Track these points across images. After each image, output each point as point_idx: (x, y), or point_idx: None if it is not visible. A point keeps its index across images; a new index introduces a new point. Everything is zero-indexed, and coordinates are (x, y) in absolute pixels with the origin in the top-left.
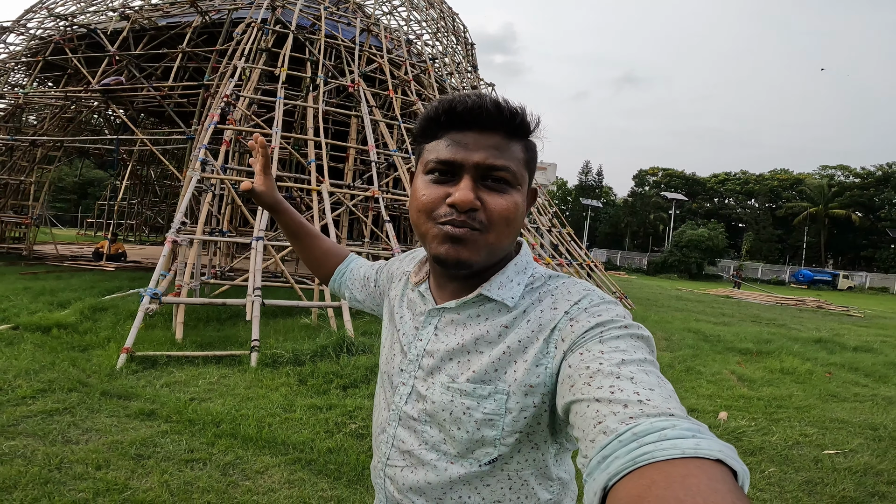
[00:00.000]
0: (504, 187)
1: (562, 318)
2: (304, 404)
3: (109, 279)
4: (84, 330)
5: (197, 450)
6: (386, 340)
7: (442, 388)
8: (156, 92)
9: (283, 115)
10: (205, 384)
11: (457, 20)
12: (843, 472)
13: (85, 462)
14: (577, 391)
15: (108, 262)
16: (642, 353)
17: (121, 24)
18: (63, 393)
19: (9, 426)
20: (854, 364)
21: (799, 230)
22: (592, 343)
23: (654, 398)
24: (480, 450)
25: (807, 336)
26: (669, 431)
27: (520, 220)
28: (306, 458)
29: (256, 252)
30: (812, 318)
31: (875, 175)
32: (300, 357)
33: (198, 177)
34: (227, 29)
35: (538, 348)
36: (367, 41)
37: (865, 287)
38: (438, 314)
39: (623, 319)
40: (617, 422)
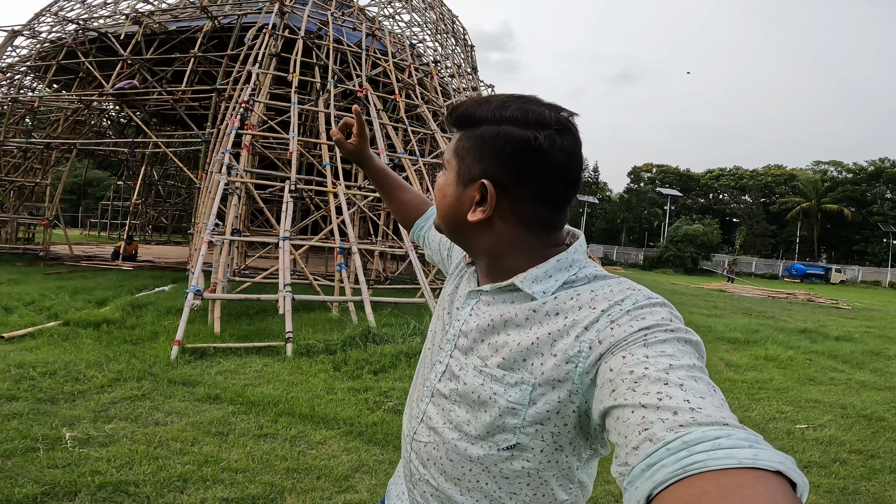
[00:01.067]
0: (442, 169)
1: (600, 318)
2: (342, 387)
3: (133, 278)
4: (131, 325)
5: (265, 426)
6: (435, 316)
7: (475, 370)
8: (169, 96)
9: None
10: (252, 372)
11: (457, 22)
12: (811, 443)
13: (179, 440)
14: (620, 396)
15: (124, 261)
16: (691, 358)
17: (132, 28)
18: (134, 381)
19: (101, 411)
20: (834, 352)
21: (792, 225)
22: (636, 347)
23: (705, 406)
24: (500, 435)
25: (793, 327)
26: (724, 441)
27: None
28: (356, 431)
29: (284, 251)
30: (801, 311)
31: (867, 170)
32: (331, 347)
33: (225, 180)
34: (237, 34)
35: (568, 344)
36: (371, 45)
37: (858, 281)
38: (477, 296)
39: (670, 323)
40: (665, 429)
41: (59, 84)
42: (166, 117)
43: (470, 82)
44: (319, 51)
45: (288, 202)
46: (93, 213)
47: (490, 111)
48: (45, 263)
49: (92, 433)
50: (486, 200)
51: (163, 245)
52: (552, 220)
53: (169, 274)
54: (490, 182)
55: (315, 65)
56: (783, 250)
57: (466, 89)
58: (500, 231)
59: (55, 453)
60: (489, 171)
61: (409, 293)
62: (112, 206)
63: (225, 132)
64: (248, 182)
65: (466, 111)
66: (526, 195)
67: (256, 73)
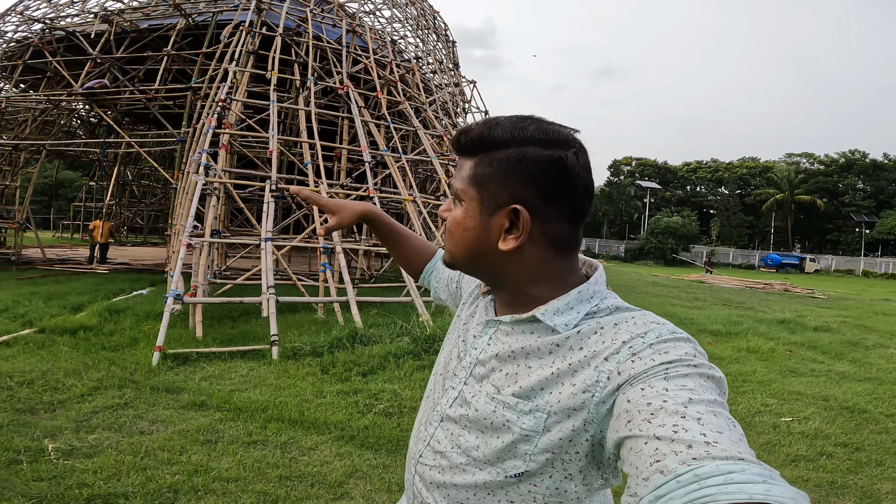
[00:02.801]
0: (456, 202)
1: (621, 349)
2: (331, 390)
3: (109, 282)
4: (109, 331)
5: (254, 433)
6: (448, 342)
7: (487, 397)
8: (142, 95)
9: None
10: (238, 377)
11: (438, 18)
12: (797, 436)
13: (166, 449)
14: (635, 427)
15: (99, 264)
16: (712, 393)
17: (102, 26)
18: (116, 390)
19: (83, 421)
20: (813, 343)
21: (767, 216)
22: (656, 379)
23: (722, 441)
24: (510, 461)
25: (772, 318)
26: (737, 475)
27: (462, 232)
28: (347, 435)
29: (266, 252)
30: (778, 301)
31: (838, 162)
32: (318, 349)
33: (203, 181)
34: (212, 31)
35: (588, 374)
36: (352, 42)
37: (831, 270)
38: (495, 325)
39: (693, 358)
40: (678, 462)
41: (27, 84)
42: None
43: (452, 78)
44: (298, 48)
45: (269, 202)
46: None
47: (507, 132)
48: (18, 268)
49: (75, 444)
50: (518, 227)
51: (139, 246)
52: (574, 239)
53: (146, 276)
54: (522, 206)
55: (294, 62)
56: (759, 241)
57: (448, 85)
58: (529, 256)
59: (39, 465)
60: (517, 195)
61: (395, 291)
62: (84, 207)
63: (201, 131)
64: (227, 182)
65: (480, 134)
66: (555, 216)
67: (234, 70)
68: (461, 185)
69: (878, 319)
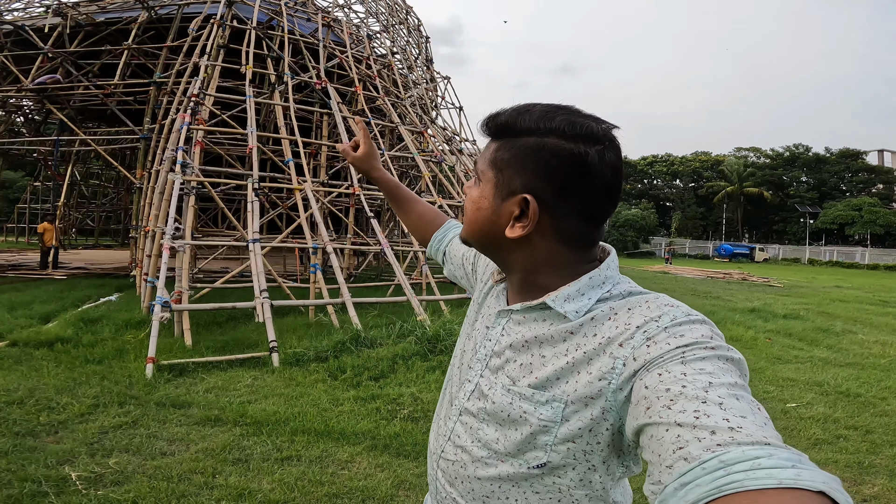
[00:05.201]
0: (477, 182)
1: (636, 334)
2: (347, 397)
3: (71, 288)
4: (89, 342)
5: (283, 448)
6: (464, 333)
7: (503, 389)
8: (98, 90)
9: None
10: (243, 387)
11: (411, 14)
12: (808, 421)
13: (198, 472)
14: (655, 414)
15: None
16: (732, 376)
17: (55, 20)
18: (117, 407)
19: (94, 443)
20: (787, 330)
21: (719, 208)
22: (674, 364)
23: (746, 425)
24: (531, 453)
25: (742, 307)
26: (765, 461)
27: (481, 211)
28: (381, 444)
29: (256, 254)
30: (740, 290)
31: (783, 156)
32: (322, 354)
33: (181, 179)
34: (177, 24)
35: (604, 361)
36: (327, 36)
37: (779, 258)
38: (507, 315)
39: (710, 341)
40: (702, 448)
41: None
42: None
43: (426, 73)
44: (272, 42)
45: (253, 201)
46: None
47: (533, 121)
48: None
49: (97, 470)
50: (527, 216)
51: (91, 249)
52: (591, 237)
53: (110, 281)
54: (532, 197)
55: (267, 56)
56: (712, 232)
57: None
58: (536, 247)
59: (69, 498)
60: (530, 184)
61: (381, 290)
62: (30, 209)
63: (172, 127)
64: (207, 181)
65: (507, 120)
66: (568, 211)
67: (205, 65)
68: (482, 166)
69: (837, 306)
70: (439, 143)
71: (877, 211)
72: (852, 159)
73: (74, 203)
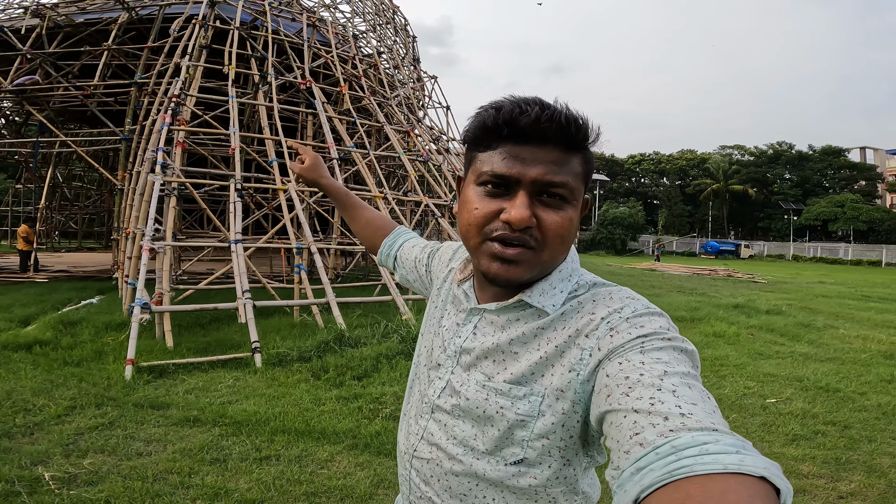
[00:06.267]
0: (560, 203)
1: (600, 325)
2: (329, 397)
3: (52, 291)
4: (67, 345)
5: (263, 448)
6: (427, 331)
7: (477, 385)
8: (78, 91)
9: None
10: (224, 387)
11: (398, 13)
12: (786, 416)
13: (174, 472)
14: (614, 401)
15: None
16: (685, 366)
17: (33, 21)
18: (94, 408)
19: (69, 444)
20: (769, 326)
21: (705, 205)
22: (633, 353)
23: (696, 412)
24: (508, 449)
25: (727, 303)
26: (712, 446)
27: (573, 235)
28: (361, 443)
29: (238, 255)
30: (725, 286)
31: (767, 153)
32: (305, 354)
33: (160, 181)
34: (158, 25)
35: (573, 353)
36: (312, 36)
37: (764, 255)
38: (479, 314)
39: (667, 332)
40: (655, 434)
41: None
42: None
43: (413, 73)
44: (256, 42)
45: (236, 202)
46: None
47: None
48: None
49: (71, 470)
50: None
51: (74, 252)
52: None
53: (92, 284)
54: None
55: (251, 57)
56: (699, 229)
57: (409, 80)
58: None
59: (41, 497)
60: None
61: (367, 290)
62: (11, 212)
63: (153, 128)
64: (188, 182)
65: (588, 128)
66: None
67: (187, 65)
68: (574, 183)
69: (820, 301)
70: (426, 143)
71: (859, 207)
72: (835, 156)
73: (57, 205)
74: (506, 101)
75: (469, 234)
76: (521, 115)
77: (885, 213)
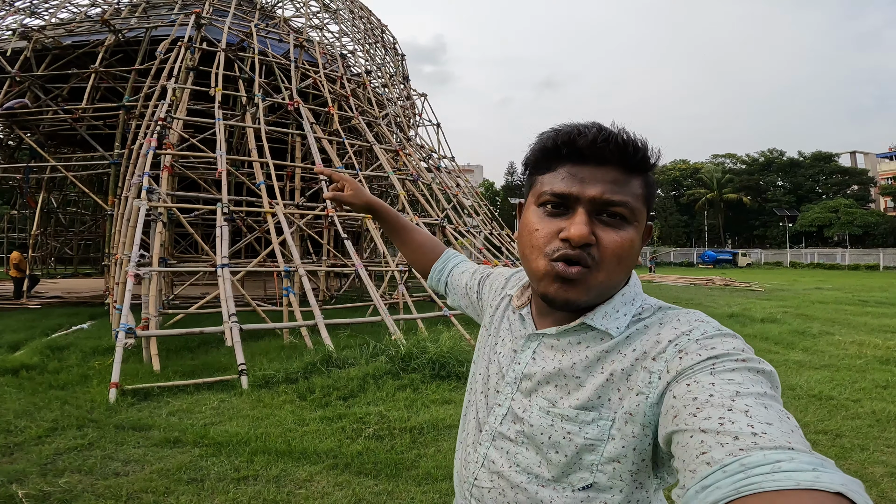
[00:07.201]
0: (620, 223)
1: (668, 348)
2: (314, 417)
3: (44, 317)
4: (54, 369)
5: (241, 468)
6: (481, 358)
7: (541, 411)
8: (67, 115)
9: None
10: (209, 409)
11: (386, 32)
12: None
13: (149, 490)
14: (681, 421)
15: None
16: (761, 387)
17: (20, 43)
18: (75, 430)
19: (47, 464)
20: (764, 334)
21: (700, 214)
22: (702, 374)
23: (771, 431)
24: (576, 474)
25: (722, 312)
26: (785, 464)
27: (633, 258)
28: (342, 463)
29: (224, 279)
30: (722, 295)
31: (759, 161)
32: (292, 375)
33: (145, 206)
34: (145, 47)
35: (640, 376)
36: (300, 57)
37: (762, 262)
38: (538, 339)
39: (741, 353)
40: (724, 453)
41: None
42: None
43: (402, 91)
44: (243, 63)
45: (222, 226)
46: None
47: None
48: None
49: (46, 489)
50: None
51: (70, 278)
52: None
53: (84, 310)
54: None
55: (239, 78)
56: (695, 239)
57: (399, 98)
58: None
59: None
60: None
61: (359, 311)
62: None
63: (139, 153)
64: (174, 207)
65: (646, 154)
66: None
67: (173, 87)
68: (636, 204)
69: (816, 308)
70: (416, 161)
71: (853, 212)
72: (825, 162)
73: (52, 231)
74: (564, 125)
75: (531, 256)
76: (579, 135)
77: (879, 216)
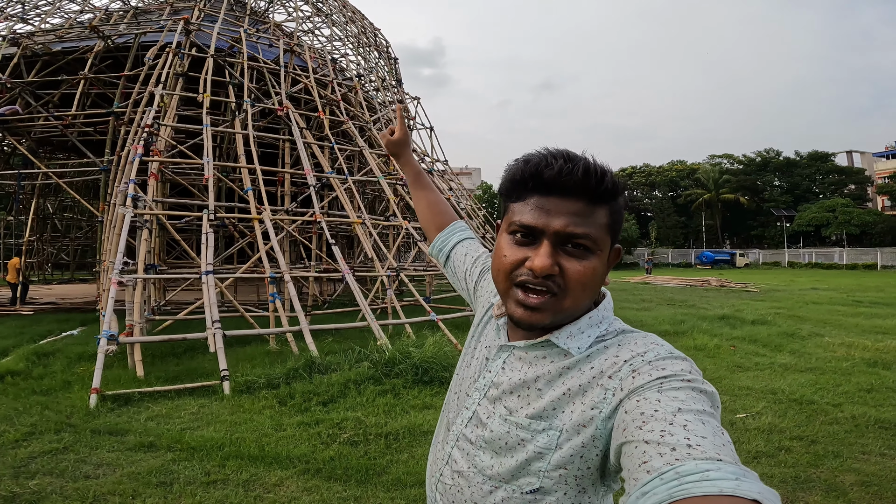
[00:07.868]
0: (583, 253)
1: (623, 367)
2: (291, 422)
3: (35, 323)
4: (38, 375)
5: (212, 472)
6: (465, 357)
7: (500, 419)
8: (57, 121)
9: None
10: (188, 415)
11: (379, 36)
12: (753, 432)
13: (117, 493)
14: (629, 434)
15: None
16: (702, 405)
17: (10, 49)
18: (52, 434)
19: (20, 467)
20: (753, 336)
21: (698, 215)
22: (651, 392)
23: (704, 444)
24: (524, 478)
25: (713, 314)
26: (713, 473)
27: (598, 283)
28: (313, 468)
29: (209, 286)
30: (716, 297)
31: (755, 161)
32: (273, 381)
33: (131, 213)
34: (134, 53)
35: (596, 392)
36: (291, 61)
37: (760, 263)
38: (509, 350)
39: (687, 374)
40: (662, 462)
41: None
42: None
43: (395, 95)
44: (233, 69)
45: (208, 233)
46: None
47: (619, 183)
48: None
49: (15, 490)
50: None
51: (66, 284)
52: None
53: (76, 316)
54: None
55: (228, 83)
56: (693, 239)
57: (392, 102)
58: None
59: None
60: (616, 237)
61: (350, 316)
62: (4, 244)
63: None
64: (160, 213)
65: (615, 183)
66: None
67: (160, 94)
68: (598, 234)
69: (810, 308)
70: None
71: (850, 211)
72: (822, 161)
73: (48, 237)
74: (535, 154)
75: (498, 279)
76: (545, 167)
77: (876, 216)
